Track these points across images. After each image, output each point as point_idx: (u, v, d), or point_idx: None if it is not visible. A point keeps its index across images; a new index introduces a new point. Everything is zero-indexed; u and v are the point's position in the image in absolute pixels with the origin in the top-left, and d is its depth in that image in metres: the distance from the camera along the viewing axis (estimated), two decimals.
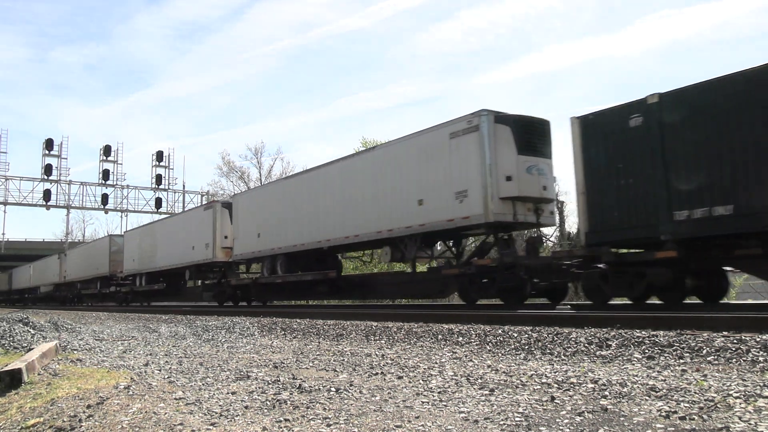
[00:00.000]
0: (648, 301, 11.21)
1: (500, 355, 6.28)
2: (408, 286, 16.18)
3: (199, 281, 26.87)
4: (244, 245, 21.49)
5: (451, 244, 15.79)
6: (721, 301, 11.13)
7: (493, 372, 5.02)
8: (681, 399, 3.63)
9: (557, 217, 16.26)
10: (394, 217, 14.60)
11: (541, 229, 16.04)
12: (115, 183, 50.20)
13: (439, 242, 15.62)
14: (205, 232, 23.94)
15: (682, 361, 5.18)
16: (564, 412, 3.42)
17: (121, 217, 57.55)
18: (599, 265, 10.80)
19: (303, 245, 18.14)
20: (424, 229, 13.87)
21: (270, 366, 5.82)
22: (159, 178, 51.33)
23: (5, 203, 47.01)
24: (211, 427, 3.27)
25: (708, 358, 5.16)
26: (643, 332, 6.31)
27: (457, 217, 12.93)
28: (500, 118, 12.60)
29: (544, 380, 4.48)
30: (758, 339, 5.41)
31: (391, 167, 15.00)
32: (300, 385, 4.52)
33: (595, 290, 11.10)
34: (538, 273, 12.32)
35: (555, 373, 4.81)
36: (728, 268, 11.13)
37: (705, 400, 3.57)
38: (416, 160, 14.16)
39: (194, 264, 24.95)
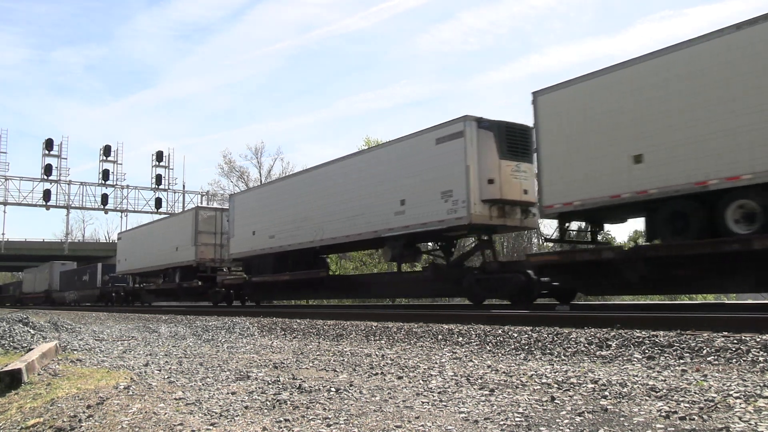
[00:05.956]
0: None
1: (500, 355, 6.27)
2: None
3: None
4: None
5: None
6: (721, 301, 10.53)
7: (493, 372, 5.01)
8: (681, 399, 3.63)
9: None
10: None
11: None
12: (115, 183, 50.29)
13: None
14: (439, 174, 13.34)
15: (682, 361, 5.18)
16: (564, 413, 3.42)
17: (121, 217, 57.54)
18: None
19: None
20: None
21: (270, 366, 5.82)
22: (159, 178, 51.37)
23: (5, 203, 47.03)
24: (211, 428, 3.27)
25: (708, 358, 5.16)
26: (643, 332, 6.31)
27: None
28: None
29: (544, 380, 4.48)
30: (758, 339, 5.41)
31: None
32: (300, 385, 4.52)
33: None
34: None
35: (555, 373, 4.81)
36: None
37: (705, 400, 3.57)
38: None
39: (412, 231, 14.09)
